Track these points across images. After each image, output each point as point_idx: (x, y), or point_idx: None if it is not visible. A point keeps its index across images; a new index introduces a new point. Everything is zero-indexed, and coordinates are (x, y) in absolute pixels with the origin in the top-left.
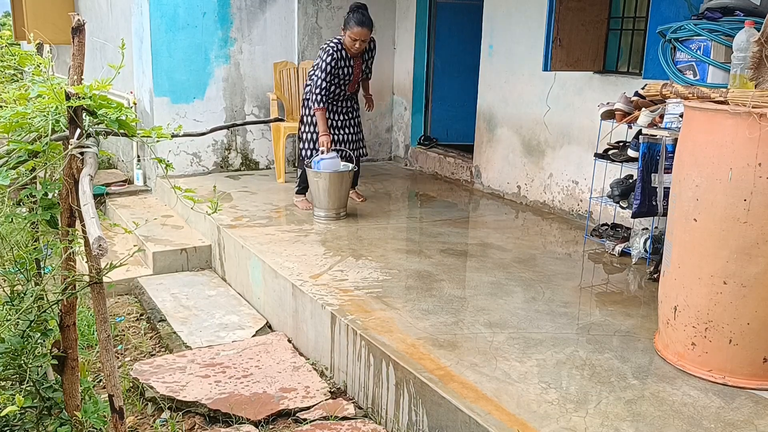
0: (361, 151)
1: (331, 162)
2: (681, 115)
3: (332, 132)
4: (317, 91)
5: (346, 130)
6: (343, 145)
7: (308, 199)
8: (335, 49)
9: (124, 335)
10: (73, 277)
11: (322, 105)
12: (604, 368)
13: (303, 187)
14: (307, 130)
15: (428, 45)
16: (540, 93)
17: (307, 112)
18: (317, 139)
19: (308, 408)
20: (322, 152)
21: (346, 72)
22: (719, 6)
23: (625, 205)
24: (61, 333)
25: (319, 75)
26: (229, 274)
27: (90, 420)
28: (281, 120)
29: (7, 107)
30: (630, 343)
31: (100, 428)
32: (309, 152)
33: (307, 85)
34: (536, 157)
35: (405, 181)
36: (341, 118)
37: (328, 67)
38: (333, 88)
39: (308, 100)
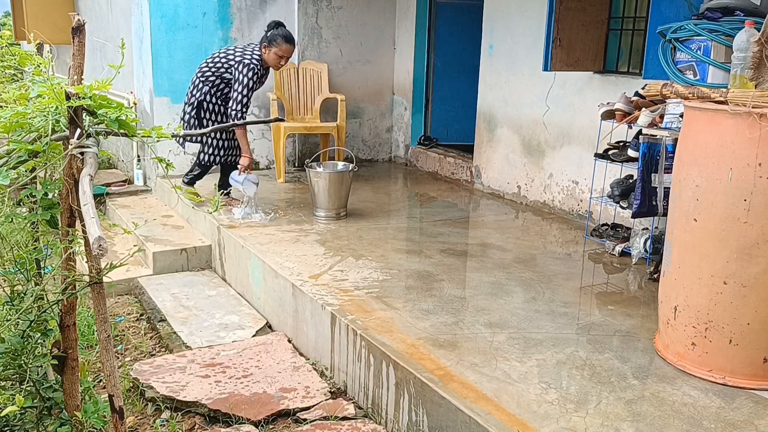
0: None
1: (254, 177)
2: (681, 115)
3: (229, 140)
4: (244, 109)
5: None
6: (234, 150)
7: (233, 196)
8: (258, 66)
9: (124, 335)
10: (73, 277)
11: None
12: (604, 368)
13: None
14: (213, 135)
15: (428, 45)
16: (540, 93)
17: (211, 117)
18: (221, 145)
19: (308, 408)
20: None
21: (259, 88)
22: (719, 6)
23: (625, 205)
24: (61, 333)
25: (243, 93)
26: (229, 274)
27: (90, 420)
28: (281, 120)
29: (7, 107)
30: (630, 343)
31: (100, 428)
32: (212, 157)
33: (205, 82)
34: (536, 157)
35: (405, 181)
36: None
37: (251, 83)
38: (247, 101)
39: (235, 111)
